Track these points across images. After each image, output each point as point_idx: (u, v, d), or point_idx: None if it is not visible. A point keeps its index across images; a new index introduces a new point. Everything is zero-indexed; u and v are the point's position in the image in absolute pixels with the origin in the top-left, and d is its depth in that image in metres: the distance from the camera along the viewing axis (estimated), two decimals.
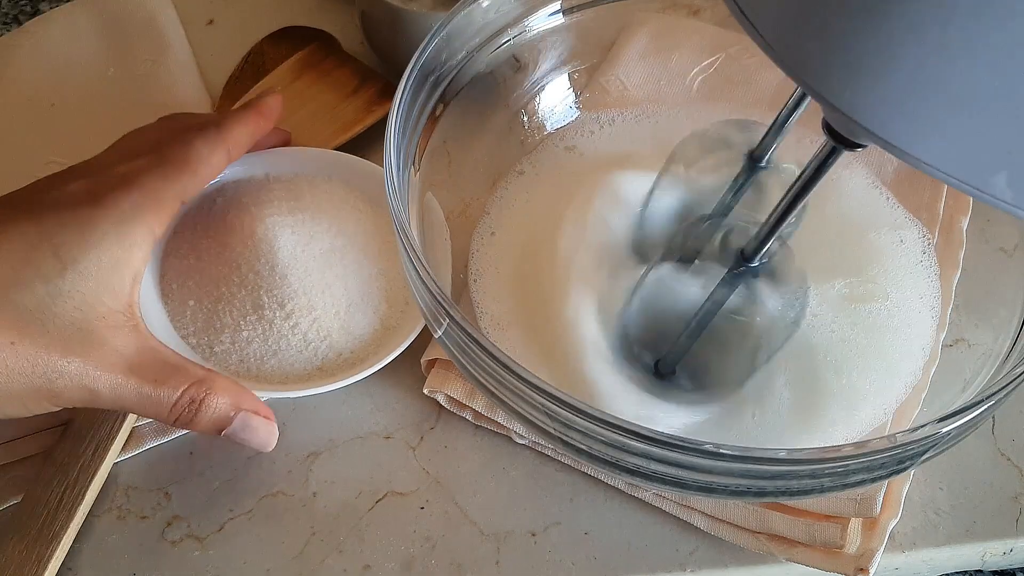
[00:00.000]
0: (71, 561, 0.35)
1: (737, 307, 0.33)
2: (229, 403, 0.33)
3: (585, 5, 0.44)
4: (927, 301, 0.38)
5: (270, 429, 0.35)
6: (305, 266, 0.37)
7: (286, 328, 0.37)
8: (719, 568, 0.36)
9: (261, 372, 0.37)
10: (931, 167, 0.20)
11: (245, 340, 0.37)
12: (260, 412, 0.35)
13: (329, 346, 0.38)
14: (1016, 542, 0.37)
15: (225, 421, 0.33)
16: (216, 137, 0.36)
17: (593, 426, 0.27)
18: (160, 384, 0.32)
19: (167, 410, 0.32)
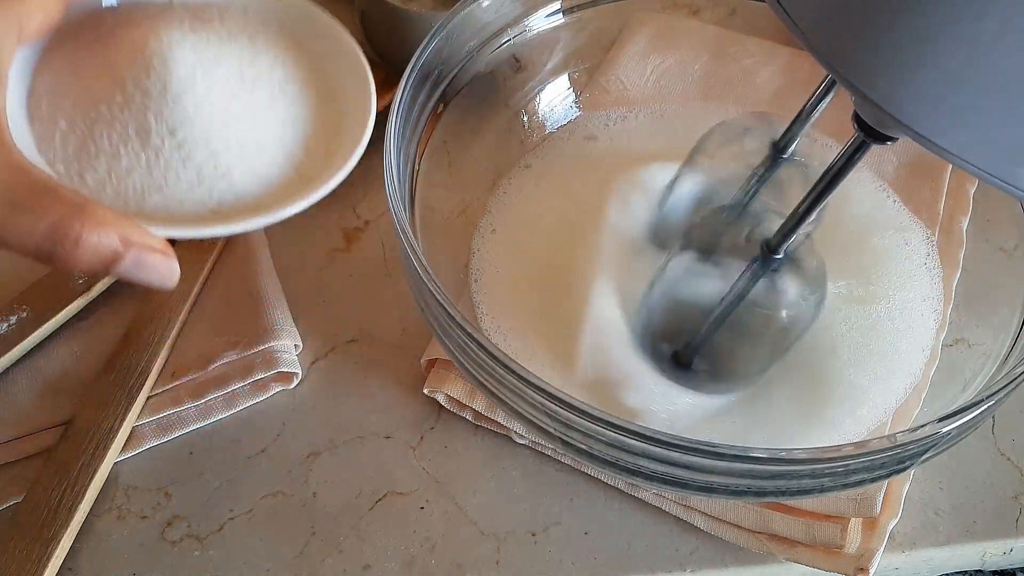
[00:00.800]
0: (71, 561, 0.35)
1: (759, 298, 0.33)
2: (115, 237, 0.27)
3: (585, 5, 0.44)
4: (930, 303, 0.38)
5: (169, 264, 0.29)
6: (206, 91, 0.32)
7: (176, 159, 0.31)
8: (719, 568, 0.36)
9: (143, 209, 0.31)
10: (961, 159, 0.20)
11: (124, 170, 0.31)
12: (154, 246, 0.29)
13: (228, 186, 0.32)
14: (1016, 542, 0.37)
15: (112, 257, 0.28)
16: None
17: (593, 426, 0.27)
18: (23, 208, 0.26)
19: (34, 241, 0.26)
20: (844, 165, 0.27)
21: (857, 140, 0.26)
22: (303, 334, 0.41)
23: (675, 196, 0.39)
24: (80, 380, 0.39)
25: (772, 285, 0.33)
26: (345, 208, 0.47)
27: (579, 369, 0.36)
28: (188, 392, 0.39)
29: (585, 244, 0.39)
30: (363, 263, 0.45)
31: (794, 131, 0.35)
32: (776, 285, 0.33)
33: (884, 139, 0.24)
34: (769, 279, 0.32)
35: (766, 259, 0.32)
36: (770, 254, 0.32)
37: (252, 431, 0.39)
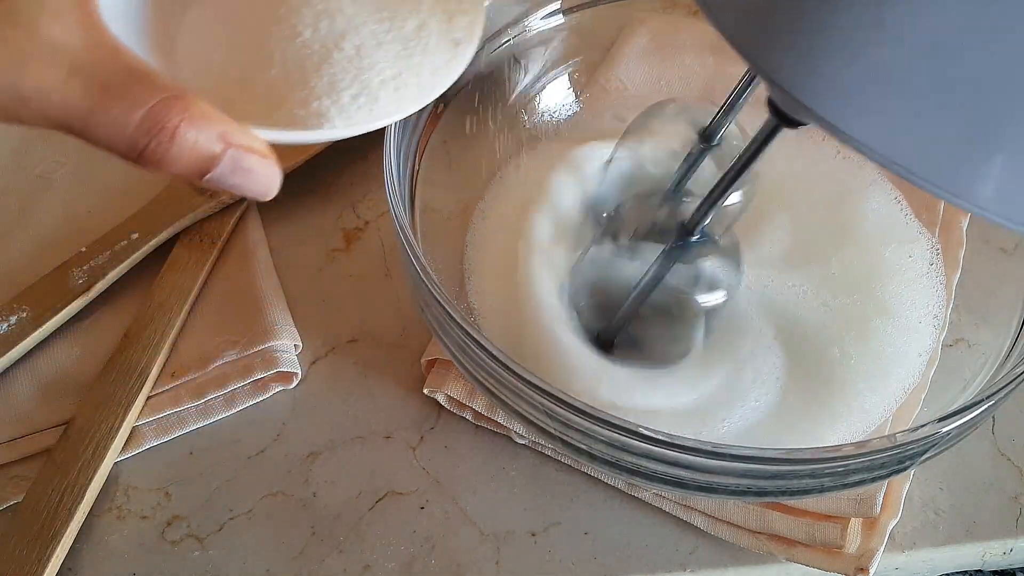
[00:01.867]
0: (71, 561, 0.35)
1: (675, 280, 0.33)
2: (215, 133, 0.24)
3: (585, 5, 0.44)
4: (931, 310, 0.38)
5: (271, 170, 0.26)
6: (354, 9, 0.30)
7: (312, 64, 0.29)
8: (719, 568, 0.36)
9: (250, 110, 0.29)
10: (865, 147, 0.20)
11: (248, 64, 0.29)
12: (255, 147, 0.26)
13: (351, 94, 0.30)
14: (1016, 542, 0.37)
15: (210, 159, 0.24)
16: None
17: (593, 426, 0.27)
18: (114, 95, 0.23)
19: (126, 134, 0.23)
20: (757, 149, 0.27)
21: (770, 124, 0.26)
22: (303, 334, 0.41)
23: (608, 176, 0.40)
24: (80, 380, 0.39)
25: (687, 267, 0.33)
26: (345, 208, 0.47)
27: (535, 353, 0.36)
28: (188, 392, 0.39)
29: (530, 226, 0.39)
30: (363, 263, 0.45)
31: (721, 120, 0.35)
32: (691, 267, 0.33)
33: (796, 124, 0.25)
34: (684, 261, 0.33)
35: (682, 241, 0.32)
36: (686, 236, 0.32)
37: (252, 431, 0.39)
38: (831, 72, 0.20)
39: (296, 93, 0.28)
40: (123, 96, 0.23)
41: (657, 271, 0.33)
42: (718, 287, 0.34)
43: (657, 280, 0.33)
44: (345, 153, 0.47)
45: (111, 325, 0.41)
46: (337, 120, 0.28)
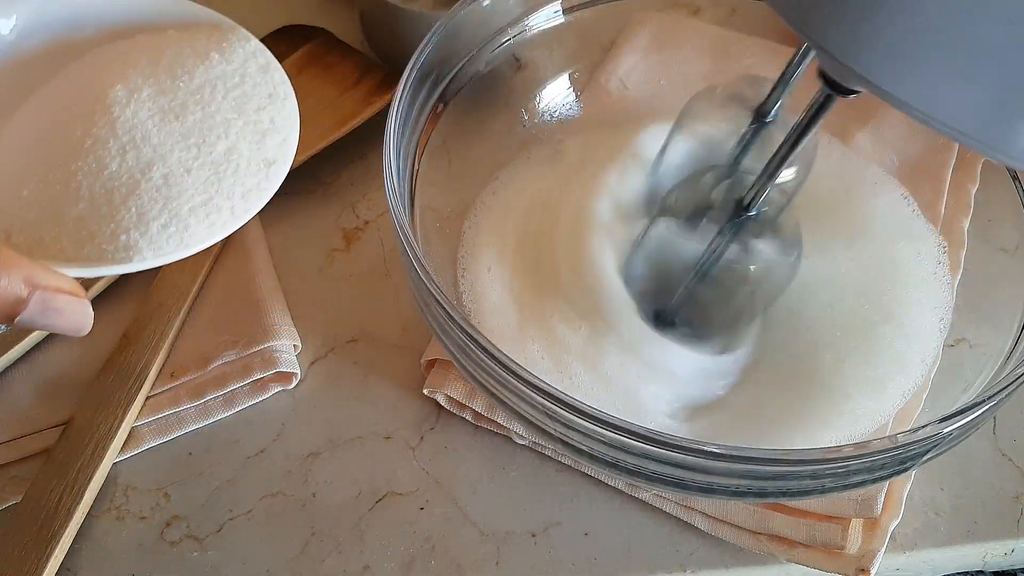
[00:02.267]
0: (70, 561, 0.35)
1: (734, 256, 0.33)
2: (20, 278, 0.25)
3: (585, 5, 0.44)
4: (938, 313, 0.38)
5: (82, 309, 0.27)
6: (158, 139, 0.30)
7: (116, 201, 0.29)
8: (719, 569, 0.36)
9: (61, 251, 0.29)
10: (915, 109, 0.21)
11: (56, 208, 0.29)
12: (64, 288, 0.26)
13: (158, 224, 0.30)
14: (1017, 542, 0.37)
15: (17, 304, 0.25)
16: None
17: (593, 427, 0.27)
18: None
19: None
20: (810, 120, 0.28)
21: (823, 94, 0.27)
22: (302, 334, 0.41)
23: (665, 161, 0.40)
24: (79, 380, 0.39)
25: (745, 243, 0.33)
26: (345, 208, 0.47)
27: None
28: (187, 392, 0.39)
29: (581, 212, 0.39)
30: (363, 263, 0.45)
31: (776, 95, 0.36)
32: (749, 243, 0.33)
33: (847, 92, 0.25)
34: (743, 237, 0.33)
35: (740, 218, 0.32)
36: (743, 212, 0.32)
37: (252, 431, 0.39)
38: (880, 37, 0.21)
39: (105, 227, 0.28)
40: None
41: (716, 248, 0.33)
42: (775, 263, 0.34)
43: (717, 257, 0.33)
44: (345, 153, 0.47)
45: (110, 325, 0.41)
46: (146, 251, 0.28)
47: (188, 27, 0.34)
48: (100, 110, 0.30)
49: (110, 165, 0.29)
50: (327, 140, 0.46)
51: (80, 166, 0.29)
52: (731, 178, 0.36)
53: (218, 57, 0.32)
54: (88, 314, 0.27)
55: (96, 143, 0.29)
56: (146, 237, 0.29)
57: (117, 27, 0.34)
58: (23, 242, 0.28)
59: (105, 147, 0.29)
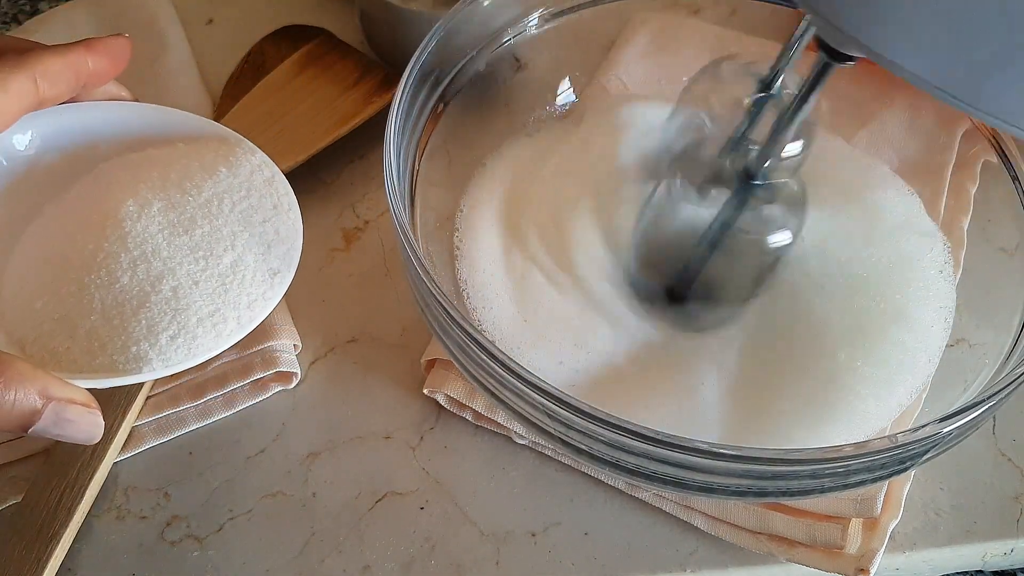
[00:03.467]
0: (71, 561, 0.35)
1: (744, 224, 0.34)
2: (35, 390, 0.26)
3: (585, 5, 0.44)
4: (943, 313, 0.38)
5: (93, 419, 0.28)
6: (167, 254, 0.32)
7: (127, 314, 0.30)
8: (719, 568, 0.36)
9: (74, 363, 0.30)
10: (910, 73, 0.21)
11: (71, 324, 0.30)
12: (76, 400, 0.27)
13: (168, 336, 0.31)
14: (1017, 542, 0.37)
15: (32, 415, 0.26)
16: (16, 61, 0.29)
17: (593, 426, 0.27)
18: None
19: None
20: (810, 88, 0.28)
21: (821, 61, 0.27)
22: (302, 334, 0.41)
23: (668, 134, 0.40)
24: None
25: (754, 210, 0.34)
26: (344, 208, 0.47)
27: None
28: (187, 392, 0.39)
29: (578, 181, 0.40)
30: (363, 263, 0.45)
31: (778, 67, 0.36)
32: (758, 210, 0.34)
33: (845, 59, 0.26)
34: (751, 205, 0.33)
35: (747, 186, 0.33)
36: (749, 181, 0.33)
37: (252, 431, 0.39)
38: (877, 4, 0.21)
39: (116, 339, 0.29)
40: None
41: (723, 216, 0.33)
42: (784, 229, 0.35)
43: (725, 226, 0.33)
44: (345, 153, 0.47)
45: None
46: (156, 362, 0.29)
47: (196, 140, 0.35)
48: (112, 224, 0.31)
49: (121, 278, 0.30)
50: (327, 140, 0.46)
51: (92, 279, 0.30)
52: (737, 150, 0.37)
53: (225, 171, 0.33)
54: (99, 424, 0.28)
55: (108, 257, 0.30)
56: (155, 348, 0.29)
57: (128, 140, 0.35)
58: (37, 353, 0.30)
59: (117, 261, 0.30)
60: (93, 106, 0.34)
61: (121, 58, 0.33)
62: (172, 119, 0.36)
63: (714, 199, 0.35)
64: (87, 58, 0.32)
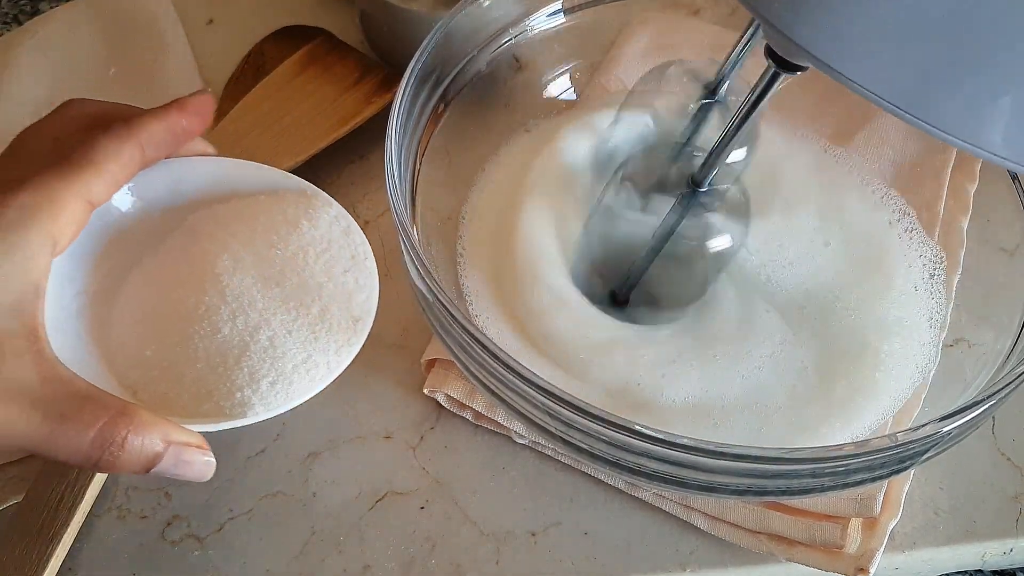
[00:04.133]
0: (71, 561, 0.35)
1: (688, 231, 0.34)
2: (158, 436, 0.28)
3: (585, 5, 0.44)
4: (936, 322, 0.38)
5: (206, 460, 0.31)
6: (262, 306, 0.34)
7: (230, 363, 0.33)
8: (719, 568, 0.36)
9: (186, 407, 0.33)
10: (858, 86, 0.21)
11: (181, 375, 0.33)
12: (192, 443, 0.30)
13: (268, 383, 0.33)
14: (1016, 542, 0.37)
15: (155, 458, 0.28)
16: (124, 131, 0.31)
17: (595, 425, 0.27)
18: (70, 420, 0.27)
19: (83, 451, 0.27)
20: (758, 97, 0.28)
21: (769, 71, 0.27)
22: None
23: (616, 134, 0.40)
24: None
25: (698, 218, 0.34)
26: (345, 208, 0.47)
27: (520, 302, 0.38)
28: None
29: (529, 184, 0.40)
30: None
31: (725, 73, 0.36)
32: (702, 217, 0.34)
33: (794, 68, 0.26)
34: (695, 212, 0.34)
35: (692, 193, 0.33)
36: (695, 188, 0.33)
37: (252, 431, 0.39)
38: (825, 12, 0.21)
39: (221, 385, 0.32)
40: (77, 419, 0.27)
41: (669, 222, 0.33)
42: (726, 235, 0.35)
43: (669, 231, 0.34)
44: (345, 153, 0.47)
45: None
46: (258, 407, 0.32)
47: (275, 192, 0.37)
48: (210, 279, 0.34)
49: (222, 329, 0.32)
50: (327, 140, 0.46)
51: (196, 330, 0.32)
52: (681, 155, 0.37)
53: (307, 224, 0.36)
54: (212, 464, 0.31)
55: (209, 310, 0.33)
56: (257, 394, 0.32)
57: (214, 192, 0.37)
58: (148, 398, 0.32)
59: (217, 313, 0.33)
60: (182, 162, 0.36)
61: (207, 115, 0.35)
62: (252, 172, 0.38)
63: (658, 205, 0.35)
64: (181, 119, 0.34)
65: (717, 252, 0.35)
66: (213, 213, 0.37)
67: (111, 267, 0.35)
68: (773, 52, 0.26)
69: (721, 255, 0.36)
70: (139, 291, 0.35)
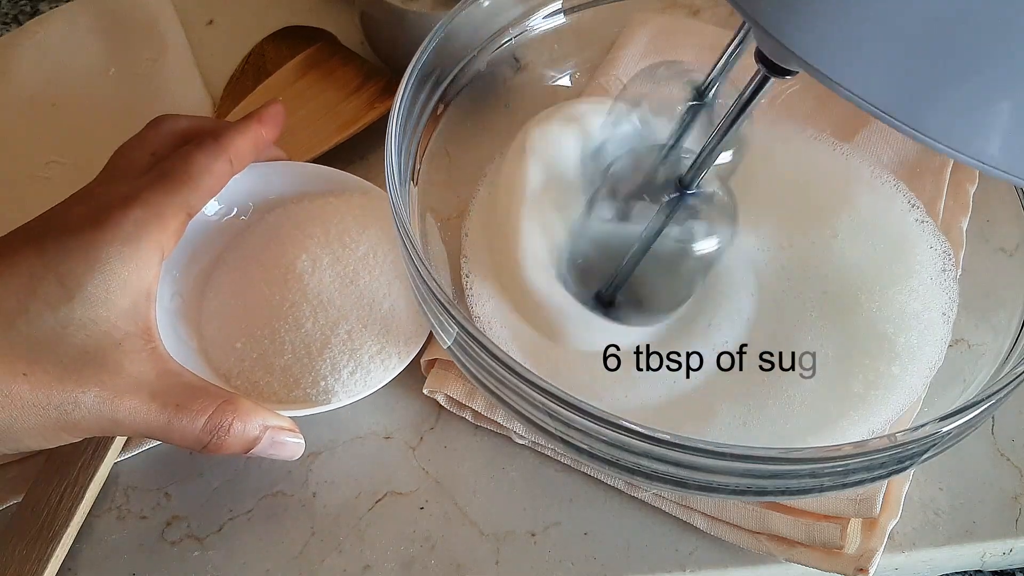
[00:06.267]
0: (71, 561, 0.35)
1: (675, 233, 0.34)
2: (257, 422, 0.33)
3: (585, 5, 0.44)
4: (948, 317, 0.38)
5: (297, 441, 0.35)
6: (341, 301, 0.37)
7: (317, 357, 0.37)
8: (719, 568, 0.36)
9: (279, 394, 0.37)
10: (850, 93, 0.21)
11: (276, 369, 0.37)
12: (285, 427, 0.34)
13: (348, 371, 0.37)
14: (1016, 542, 0.37)
15: (254, 441, 0.33)
16: (215, 147, 0.35)
17: (594, 425, 0.27)
18: (184, 409, 0.31)
19: (195, 436, 0.31)
20: (747, 101, 0.28)
21: (759, 74, 0.27)
22: None
23: (605, 134, 0.40)
24: None
25: (686, 220, 0.34)
26: None
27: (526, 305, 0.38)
28: None
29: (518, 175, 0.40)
30: None
31: (715, 76, 0.36)
32: (690, 220, 0.34)
33: (784, 72, 0.26)
34: (683, 214, 0.34)
35: (680, 195, 0.33)
36: (683, 190, 0.33)
37: None
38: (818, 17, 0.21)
39: (307, 375, 0.36)
40: (190, 408, 0.31)
41: (656, 224, 0.33)
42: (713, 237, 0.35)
43: (656, 233, 0.34)
44: (346, 154, 0.47)
45: None
46: (341, 394, 0.36)
47: (342, 193, 0.41)
48: (292, 279, 0.37)
49: (305, 324, 0.37)
50: (329, 144, 0.46)
51: (282, 324, 0.37)
52: (670, 157, 0.37)
53: (375, 225, 0.39)
54: (301, 445, 0.35)
55: (293, 306, 0.37)
56: (339, 382, 0.36)
57: (288, 194, 0.42)
58: (241, 385, 0.36)
59: (300, 309, 0.37)
60: (261, 167, 0.40)
61: (280, 124, 0.39)
62: (322, 174, 0.42)
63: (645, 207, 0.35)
64: (261, 131, 0.38)
65: (704, 254, 0.35)
66: (288, 213, 0.40)
67: (201, 268, 0.39)
68: (763, 56, 0.26)
69: (708, 257, 0.35)
70: (224, 288, 0.39)
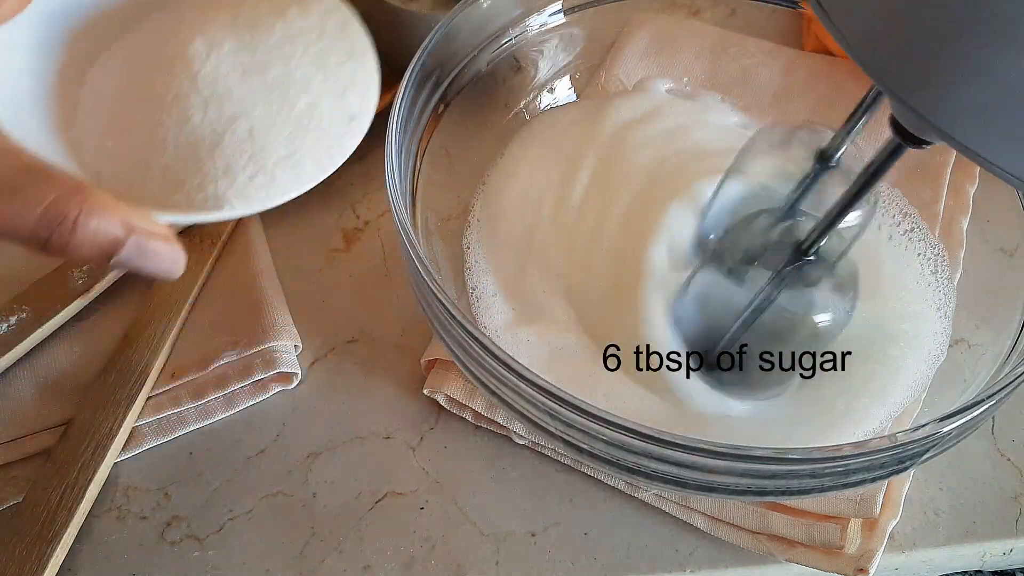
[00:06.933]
0: (71, 561, 0.35)
1: (789, 302, 0.32)
2: (117, 221, 0.26)
3: (585, 5, 0.44)
4: (942, 316, 0.38)
5: (174, 251, 0.28)
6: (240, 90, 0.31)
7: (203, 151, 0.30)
8: (719, 568, 0.36)
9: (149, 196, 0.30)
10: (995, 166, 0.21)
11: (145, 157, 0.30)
12: (156, 232, 0.27)
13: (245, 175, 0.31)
14: (1016, 542, 0.37)
15: (114, 244, 0.26)
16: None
17: (595, 425, 0.27)
18: (13, 193, 0.25)
19: (29, 228, 0.25)
20: (879, 167, 0.27)
21: (893, 144, 0.26)
22: (303, 334, 0.41)
23: (718, 203, 0.39)
24: (80, 380, 0.39)
25: (802, 288, 0.32)
26: (344, 208, 0.47)
27: None
28: (188, 392, 0.39)
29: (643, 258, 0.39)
30: (363, 263, 0.45)
31: (840, 139, 0.34)
32: (806, 288, 0.32)
33: (920, 143, 0.25)
34: (800, 282, 0.32)
35: (797, 261, 0.31)
36: (801, 256, 0.31)
37: (252, 431, 0.39)
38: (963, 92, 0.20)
39: (193, 177, 0.30)
40: (22, 194, 0.25)
41: (769, 292, 0.32)
42: (830, 311, 0.33)
43: (769, 301, 0.32)
44: None
45: (111, 325, 0.41)
46: (235, 201, 0.30)
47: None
48: (180, 64, 0.31)
49: (193, 118, 0.30)
50: None
51: (163, 118, 0.30)
52: (788, 221, 0.35)
53: (296, 12, 0.33)
54: (181, 258, 0.28)
55: (178, 96, 0.30)
56: (234, 188, 0.30)
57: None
58: (114, 186, 0.30)
59: (187, 100, 0.30)
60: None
61: None
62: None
63: (761, 273, 0.33)
64: None
65: (821, 326, 0.33)
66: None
67: (87, 49, 0.33)
68: (899, 125, 0.25)
69: (826, 330, 0.33)
70: (105, 75, 0.33)
